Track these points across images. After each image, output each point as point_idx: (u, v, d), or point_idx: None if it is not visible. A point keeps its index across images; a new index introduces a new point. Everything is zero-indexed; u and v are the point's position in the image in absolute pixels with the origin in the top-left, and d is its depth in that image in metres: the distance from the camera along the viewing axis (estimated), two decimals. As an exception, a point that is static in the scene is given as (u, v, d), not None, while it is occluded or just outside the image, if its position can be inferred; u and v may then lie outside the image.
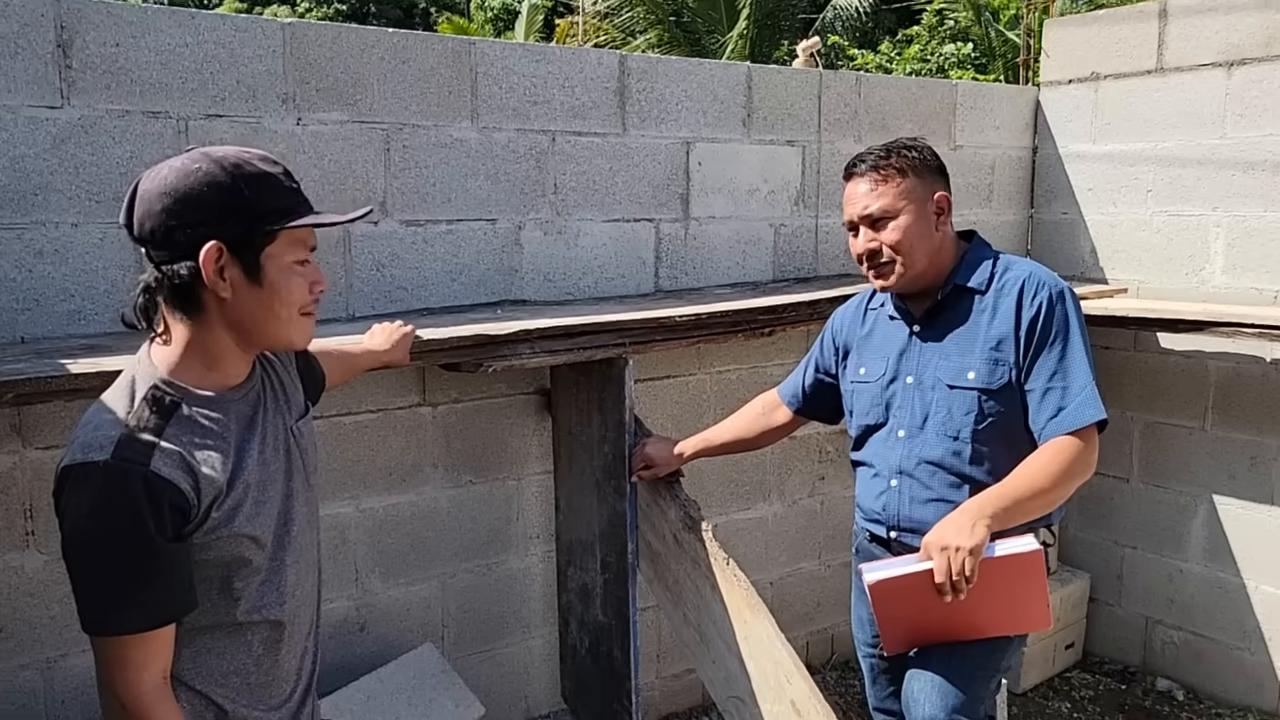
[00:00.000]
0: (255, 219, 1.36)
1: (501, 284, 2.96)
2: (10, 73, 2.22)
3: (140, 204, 1.35)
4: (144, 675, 1.33)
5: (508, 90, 2.88)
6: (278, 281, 1.39)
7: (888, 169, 2.14)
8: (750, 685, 2.43)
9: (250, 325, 1.40)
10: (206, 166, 1.35)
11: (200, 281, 1.34)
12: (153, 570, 1.31)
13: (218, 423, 1.40)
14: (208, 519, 1.36)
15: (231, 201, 1.34)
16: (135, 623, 1.31)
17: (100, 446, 1.29)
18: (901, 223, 2.12)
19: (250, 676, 1.47)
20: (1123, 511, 3.90)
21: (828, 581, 3.81)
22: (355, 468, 2.76)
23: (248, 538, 1.41)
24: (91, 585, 1.31)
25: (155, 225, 1.34)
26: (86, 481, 1.28)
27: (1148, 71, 3.70)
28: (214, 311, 1.38)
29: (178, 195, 1.33)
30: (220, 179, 1.34)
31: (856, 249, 2.20)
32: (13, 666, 2.36)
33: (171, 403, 1.36)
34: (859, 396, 2.31)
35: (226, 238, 1.34)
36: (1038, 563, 1.98)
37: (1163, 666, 3.84)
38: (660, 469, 2.66)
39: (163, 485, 1.30)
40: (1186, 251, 3.65)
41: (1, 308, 2.27)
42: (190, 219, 1.33)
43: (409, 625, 2.91)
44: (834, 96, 3.53)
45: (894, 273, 2.15)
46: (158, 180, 1.35)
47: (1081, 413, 2.02)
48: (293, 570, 1.50)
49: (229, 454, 1.40)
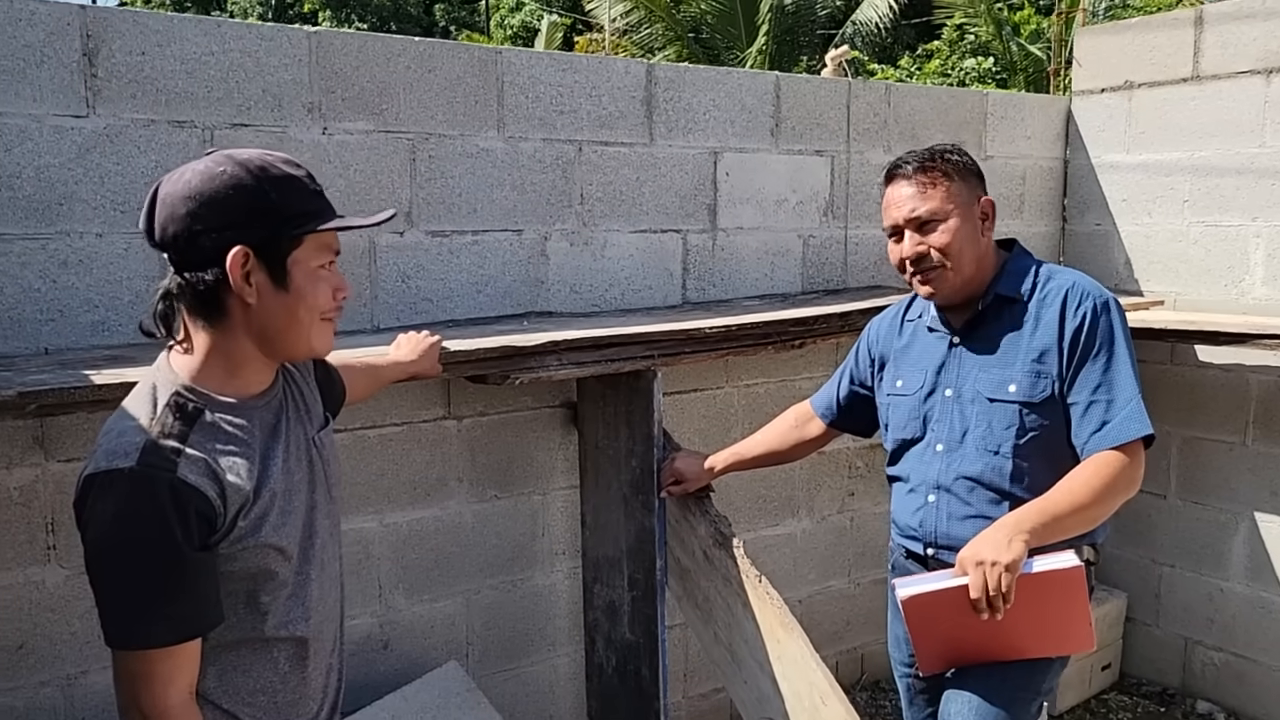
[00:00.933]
0: (282, 223, 1.33)
1: (527, 295, 2.92)
2: (36, 81, 2.21)
3: (162, 208, 1.32)
4: (170, 691, 1.29)
5: (534, 100, 2.85)
6: (304, 286, 1.35)
7: (933, 171, 2.08)
8: (784, 706, 2.36)
9: (274, 331, 1.36)
10: (231, 169, 1.31)
11: (225, 287, 1.31)
12: (180, 581, 1.27)
13: (242, 429, 1.36)
14: (234, 528, 1.32)
15: (258, 205, 1.31)
16: (162, 636, 1.27)
17: (125, 453, 1.25)
18: (950, 225, 2.06)
19: (277, 694, 1.43)
20: (1160, 529, 3.81)
21: (857, 600, 3.74)
22: (379, 481, 2.72)
23: (274, 549, 1.37)
24: (117, 597, 1.27)
25: (179, 230, 1.30)
26: (111, 489, 1.24)
27: (1183, 80, 3.63)
28: (238, 317, 1.34)
29: (203, 199, 1.30)
30: (246, 182, 1.31)
31: (901, 254, 2.12)
32: (34, 683, 2.32)
33: (194, 409, 1.32)
34: (895, 410, 2.25)
35: (253, 242, 1.31)
36: (1079, 580, 1.90)
37: (1203, 688, 3.74)
38: (690, 484, 2.60)
39: (189, 492, 1.26)
40: (1225, 263, 3.57)
41: (25, 318, 2.25)
42: (216, 223, 1.30)
43: (433, 643, 2.86)
44: (863, 106, 3.49)
45: (943, 279, 2.08)
46: (180, 184, 1.31)
47: (1126, 427, 1.95)
48: (316, 585, 1.46)
49: (254, 461, 1.36)
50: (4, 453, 2.25)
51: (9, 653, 2.30)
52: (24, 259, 2.24)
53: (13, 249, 2.22)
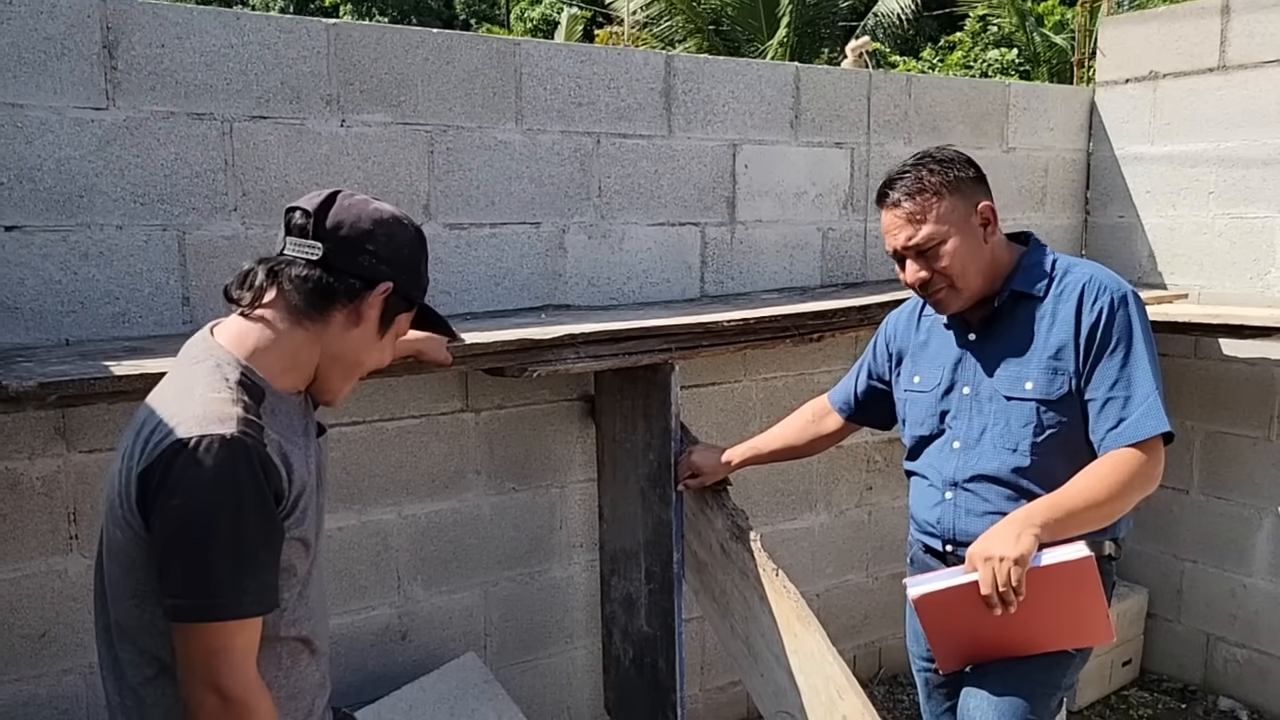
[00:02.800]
0: (415, 287, 1.51)
1: (545, 288, 2.91)
2: (56, 74, 2.22)
3: (343, 211, 1.42)
4: (248, 664, 1.28)
5: (552, 91, 2.85)
6: (385, 343, 1.51)
7: (922, 194, 2.02)
8: (800, 700, 2.36)
9: (341, 359, 1.46)
10: (414, 227, 1.50)
11: (347, 298, 1.40)
12: (271, 549, 1.29)
13: (291, 420, 1.41)
14: (292, 513, 1.34)
15: (416, 263, 1.50)
16: (249, 606, 1.27)
17: (220, 420, 1.26)
18: (949, 248, 2.02)
19: (280, 690, 1.43)
20: (1182, 524, 3.77)
21: (875, 594, 3.73)
22: (398, 473, 2.73)
23: (303, 542, 1.39)
24: (208, 564, 1.24)
25: (355, 235, 1.41)
26: (211, 453, 1.23)
27: (1209, 70, 3.59)
28: (333, 327, 1.42)
29: (388, 229, 1.44)
30: (419, 240, 1.51)
31: (907, 280, 2.10)
32: (56, 671, 2.35)
33: (259, 390, 1.36)
34: (913, 406, 2.24)
35: (396, 285, 1.45)
36: (1090, 570, 1.88)
37: (1225, 685, 3.70)
38: (707, 477, 2.60)
39: (272, 467, 1.29)
40: (1250, 255, 3.53)
41: (46, 310, 2.26)
42: (385, 253, 1.43)
43: (451, 634, 2.87)
44: (884, 98, 3.46)
45: (952, 297, 2.07)
46: (370, 206, 1.45)
47: (1143, 424, 1.92)
48: (315, 585, 1.49)
49: (303, 452, 1.40)
50: (26, 443, 2.27)
51: (32, 641, 2.32)
52: (45, 251, 2.25)
53: (34, 241, 2.24)
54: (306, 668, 1.48)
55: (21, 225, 2.23)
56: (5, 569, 2.28)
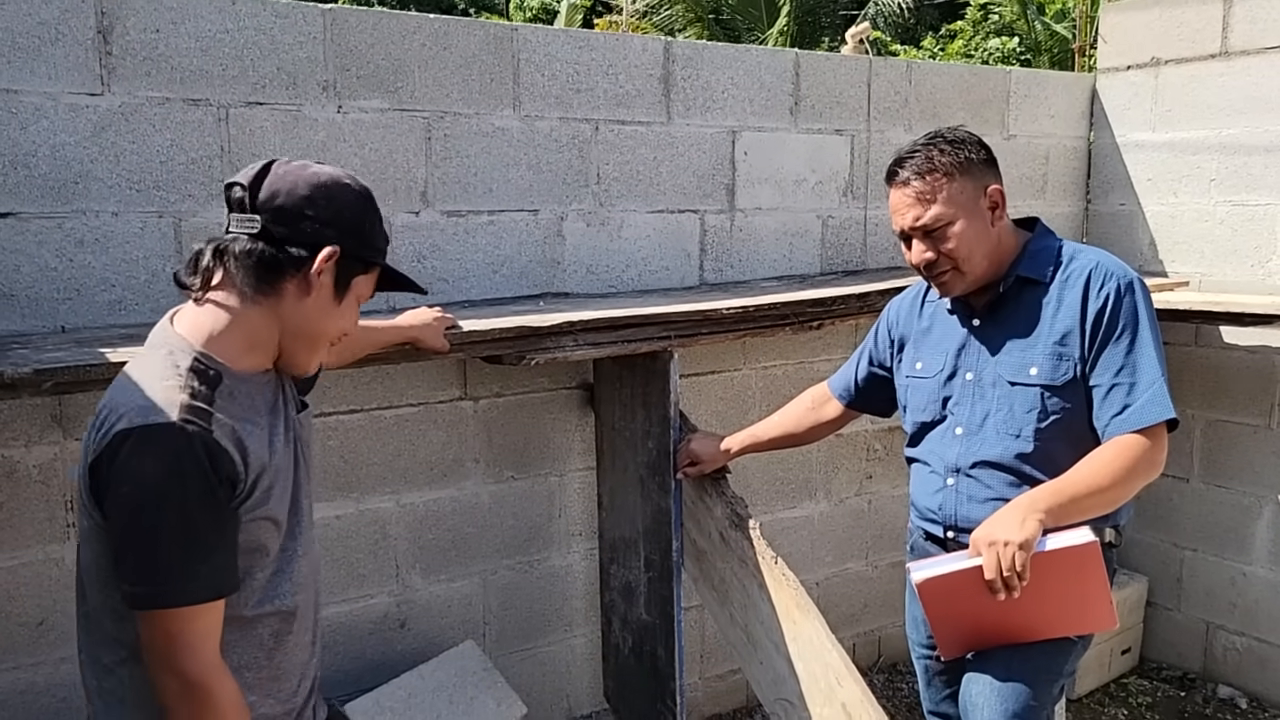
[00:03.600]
0: (368, 248, 1.47)
1: (544, 276, 2.90)
2: (51, 59, 2.20)
3: (279, 180, 1.39)
4: (207, 648, 1.29)
5: (550, 78, 2.83)
6: (346, 308, 1.47)
7: (932, 174, 2.01)
8: (799, 687, 2.35)
9: (302, 329, 1.43)
10: (357, 185, 1.46)
11: (293, 270, 1.38)
12: (220, 535, 1.29)
13: (253, 402, 1.40)
14: (251, 495, 1.34)
15: (362, 224, 1.45)
16: (200, 592, 1.28)
17: (162, 409, 1.26)
18: (956, 229, 2.01)
19: (262, 670, 1.43)
20: (1182, 512, 3.77)
21: (875, 582, 3.72)
22: (395, 462, 2.72)
23: (272, 521, 1.39)
24: (156, 553, 1.26)
25: (291, 204, 1.38)
26: (153, 443, 1.25)
27: (1211, 56, 3.57)
28: (286, 300, 1.40)
29: (327, 191, 1.40)
30: (364, 201, 1.46)
31: (912, 260, 2.09)
32: (54, 659, 2.34)
33: (215, 375, 1.35)
34: (915, 392, 2.23)
35: (344, 248, 1.41)
36: (1094, 555, 1.88)
37: (1224, 673, 3.70)
38: (706, 465, 2.59)
39: (221, 453, 1.28)
40: (1252, 243, 3.52)
41: (42, 297, 2.25)
42: (326, 217, 1.40)
43: (450, 622, 2.86)
44: (884, 84, 3.44)
45: (957, 279, 2.06)
46: (309, 172, 1.41)
47: (1148, 410, 1.92)
48: (303, 560, 1.49)
49: (264, 433, 1.39)
50: (23, 431, 2.26)
51: (30, 629, 2.32)
52: (40, 238, 2.24)
53: (29, 228, 2.23)
54: (294, 647, 1.48)
55: (16, 212, 2.21)
56: (3, 557, 2.27)
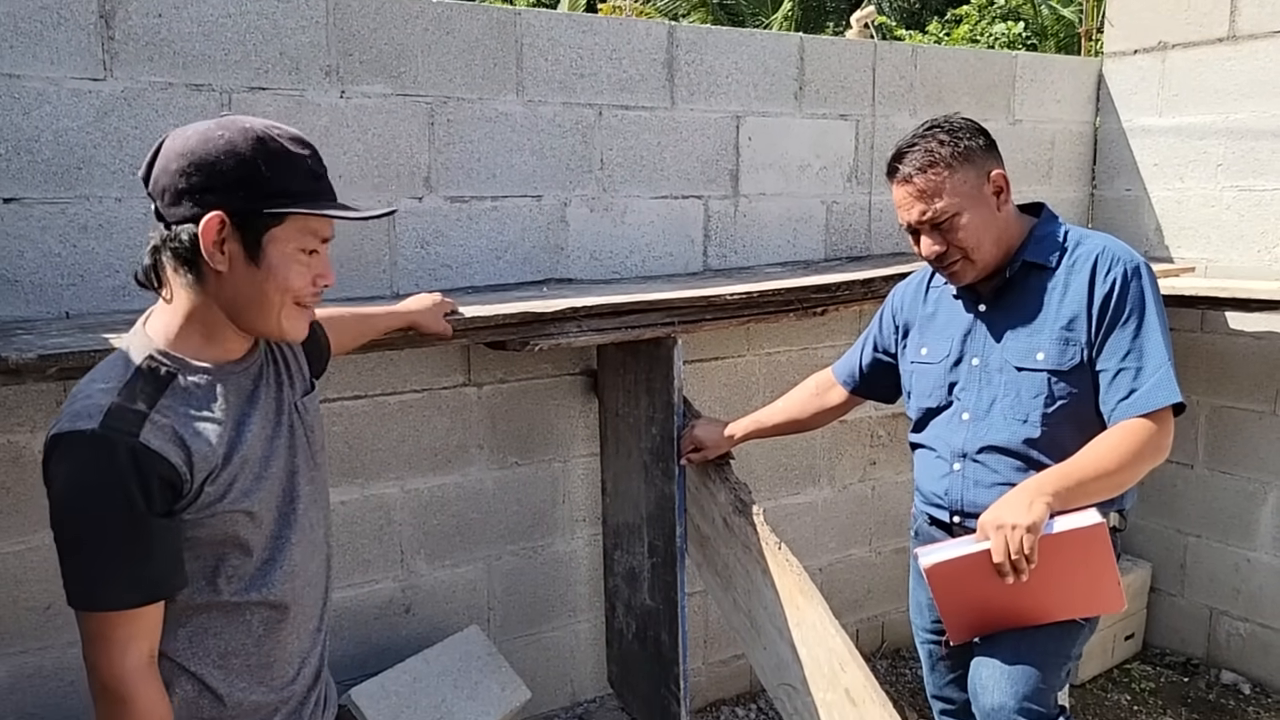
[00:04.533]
0: (264, 197, 1.31)
1: (547, 262, 2.90)
2: (53, 43, 2.20)
3: (160, 160, 1.32)
4: (128, 654, 1.28)
5: (553, 62, 2.82)
6: (277, 265, 1.33)
7: (934, 168, 2.00)
8: (803, 673, 2.36)
9: (242, 305, 1.35)
10: (229, 135, 1.30)
11: (198, 249, 1.30)
12: (139, 545, 1.26)
13: (214, 395, 1.35)
14: (201, 494, 1.31)
15: (245, 175, 1.29)
16: (119, 599, 1.26)
17: (88, 415, 1.24)
18: (963, 221, 2.01)
19: (250, 657, 1.42)
20: (1186, 498, 3.77)
21: (878, 568, 3.73)
22: (400, 448, 2.73)
23: (244, 514, 1.36)
24: (76, 558, 1.26)
25: (168, 184, 1.30)
26: (72, 451, 1.24)
27: (1219, 39, 3.54)
28: (211, 283, 1.33)
29: (194, 158, 1.29)
30: (240, 150, 1.30)
31: (922, 253, 2.09)
32: (61, 643, 2.35)
33: (167, 374, 1.32)
34: (920, 378, 2.22)
35: (232, 210, 1.29)
36: (1101, 537, 1.88)
37: (1227, 659, 3.70)
38: (710, 451, 2.59)
39: (151, 458, 1.25)
40: (1259, 228, 3.50)
41: (46, 283, 2.25)
42: (201, 184, 1.29)
43: (454, 607, 2.87)
44: (889, 69, 3.42)
45: (967, 268, 2.06)
46: (180, 140, 1.32)
47: (1154, 395, 1.92)
48: (298, 549, 1.45)
49: (226, 427, 1.35)
50: (28, 417, 2.27)
51: (37, 613, 2.33)
52: (44, 223, 2.24)
53: (33, 213, 2.23)
54: (288, 635, 1.46)
55: (20, 197, 2.21)
56: (10, 542, 2.28)
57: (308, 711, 1.53)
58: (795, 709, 2.41)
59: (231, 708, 1.41)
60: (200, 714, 1.39)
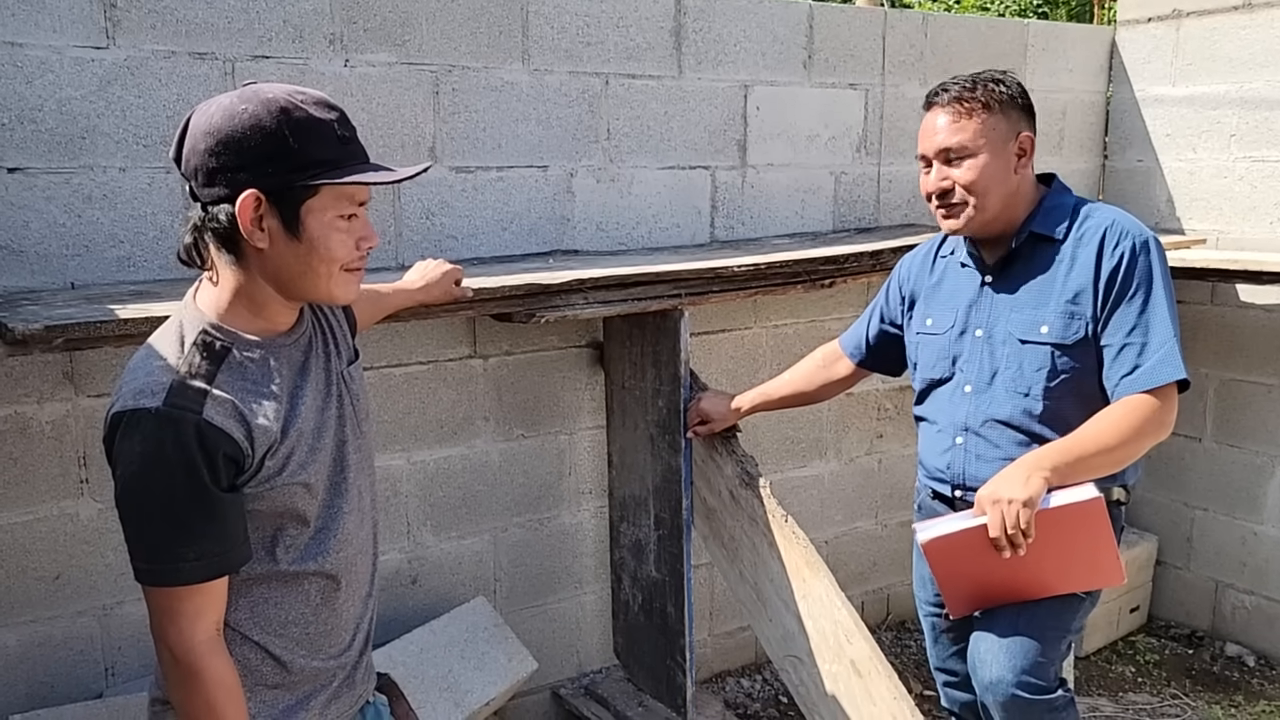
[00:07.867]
0: (297, 170, 1.29)
1: (553, 233, 2.88)
2: (55, 11, 2.17)
3: (189, 139, 1.31)
4: (197, 627, 1.31)
5: (559, 30, 2.79)
6: (318, 236, 1.32)
7: (971, 102, 2.00)
8: (809, 644, 2.37)
9: (289, 278, 1.34)
10: (253, 109, 1.28)
11: (238, 227, 1.30)
12: (208, 520, 1.28)
13: (269, 368, 1.36)
14: (262, 468, 1.32)
15: (274, 149, 1.28)
16: (189, 574, 1.28)
17: (152, 392, 1.25)
18: (979, 162, 2.00)
19: (310, 626, 1.44)
20: (1194, 472, 3.76)
21: (884, 541, 3.73)
22: (406, 420, 2.73)
23: (301, 486, 1.37)
24: (144, 534, 1.28)
25: (199, 164, 1.30)
26: (139, 428, 1.25)
27: (1234, 8, 3.49)
28: (253, 260, 1.33)
29: (221, 137, 1.28)
30: (265, 123, 1.27)
31: (926, 186, 2.08)
32: (70, 613, 2.37)
33: (222, 348, 1.32)
34: (924, 349, 2.21)
35: (266, 187, 1.28)
36: (1099, 511, 1.88)
37: (1232, 631, 3.71)
38: (717, 424, 2.59)
39: (216, 434, 1.26)
40: (1272, 199, 3.46)
41: (51, 253, 2.25)
42: (231, 164, 1.28)
43: (461, 579, 2.88)
44: (899, 37, 3.38)
45: (964, 214, 2.03)
46: (205, 117, 1.30)
47: (1159, 371, 1.91)
48: (350, 518, 1.47)
49: (282, 401, 1.36)
50: (35, 387, 2.27)
51: (46, 583, 2.34)
52: (48, 193, 2.23)
53: (37, 183, 2.21)
54: (344, 603, 1.48)
55: (24, 167, 2.20)
56: (18, 512, 2.29)
57: (360, 675, 1.55)
58: (801, 680, 2.42)
59: (295, 673, 1.44)
60: (264, 681, 1.42)
